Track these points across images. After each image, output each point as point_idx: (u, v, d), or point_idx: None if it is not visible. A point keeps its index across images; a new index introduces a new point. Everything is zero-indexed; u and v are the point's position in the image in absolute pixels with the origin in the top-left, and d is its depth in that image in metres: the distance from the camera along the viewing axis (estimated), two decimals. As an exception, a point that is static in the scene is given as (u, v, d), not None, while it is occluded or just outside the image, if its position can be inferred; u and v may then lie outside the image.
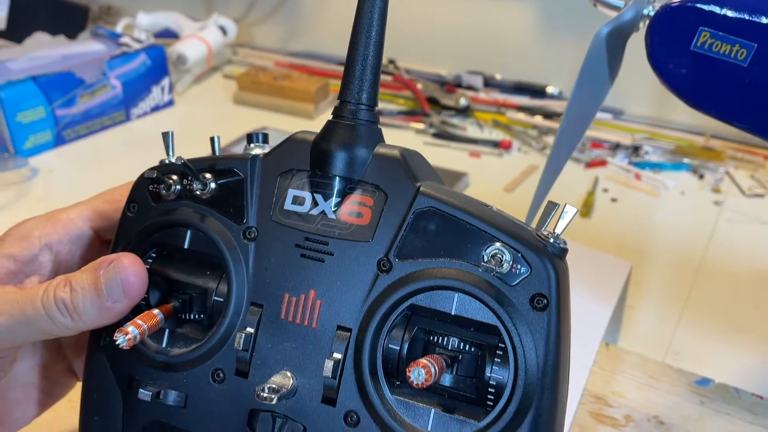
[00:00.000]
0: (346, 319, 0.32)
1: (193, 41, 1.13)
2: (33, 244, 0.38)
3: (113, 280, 0.34)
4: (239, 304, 0.34)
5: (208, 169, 0.35)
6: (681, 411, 0.51)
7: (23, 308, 0.34)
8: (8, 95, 0.86)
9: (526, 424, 0.29)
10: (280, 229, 0.34)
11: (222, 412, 0.34)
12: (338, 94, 0.34)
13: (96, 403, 0.37)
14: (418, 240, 0.32)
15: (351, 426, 0.32)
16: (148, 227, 0.36)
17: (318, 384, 0.32)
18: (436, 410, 0.31)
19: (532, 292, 0.30)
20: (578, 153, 0.94)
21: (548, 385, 0.30)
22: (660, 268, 0.72)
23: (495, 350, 0.31)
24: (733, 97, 0.42)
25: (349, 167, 0.33)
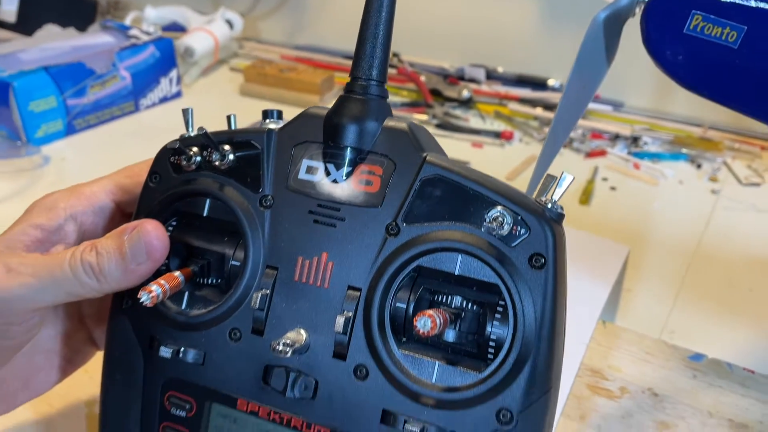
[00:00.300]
0: (356, 279, 0.34)
1: (200, 34, 1.15)
2: (58, 215, 0.40)
3: (137, 244, 0.36)
4: (255, 268, 0.36)
5: (227, 142, 0.37)
6: (674, 383, 0.53)
7: (52, 270, 0.36)
8: (21, 84, 0.88)
9: (524, 374, 0.32)
10: (295, 196, 0.36)
11: (238, 369, 0.36)
12: (350, 71, 0.36)
13: (118, 362, 0.39)
14: (424, 205, 0.34)
15: (360, 379, 0.34)
16: (169, 196, 0.38)
17: (329, 340, 0.34)
18: (440, 363, 0.33)
19: (531, 252, 0.32)
20: (578, 143, 0.96)
21: (545, 338, 0.32)
22: (657, 253, 0.74)
23: (495, 308, 0.33)
24: (725, 78, 0.44)
25: (359, 138, 0.35)
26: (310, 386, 0.35)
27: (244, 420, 0.36)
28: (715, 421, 0.49)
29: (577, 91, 0.48)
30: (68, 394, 0.50)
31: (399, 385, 0.33)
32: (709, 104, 1.05)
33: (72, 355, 0.45)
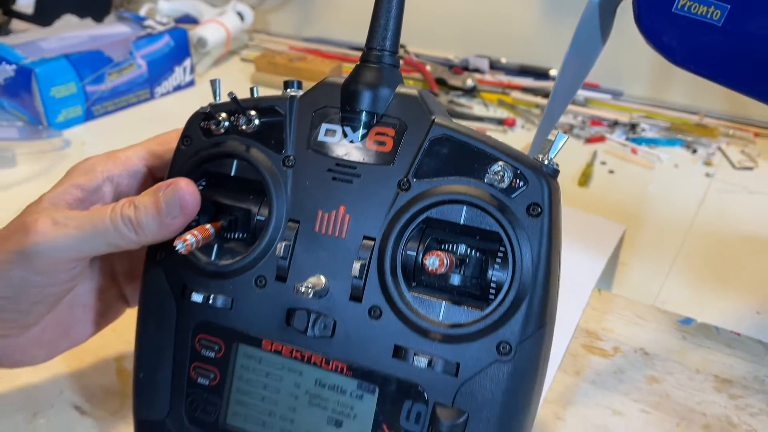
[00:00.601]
0: (370, 230, 0.38)
1: (212, 25, 1.19)
2: (96, 177, 0.44)
3: (171, 200, 0.39)
4: (279, 221, 0.40)
5: (253, 108, 0.41)
6: (665, 344, 0.56)
7: (95, 223, 0.40)
8: (43, 71, 0.92)
9: (521, 311, 0.35)
10: (315, 156, 0.40)
11: (264, 312, 0.39)
12: (365, 42, 0.40)
13: (152, 309, 0.42)
14: (432, 162, 0.37)
15: (374, 318, 0.37)
16: (200, 158, 0.42)
17: (346, 285, 0.38)
18: (446, 303, 0.37)
19: (528, 202, 0.35)
20: (579, 130, 1.00)
21: (540, 280, 0.35)
22: (652, 231, 0.77)
23: (496, 254, 0.37)
24: (711, 54, 0.47)
25: (374, 103, 0.39)
26: (329, 326, 0.38)
27: (268, 359, 0.40)
28: (701, 377, 0.53)
29: (573, 68, 0.51)
30: (99, 350, 0.54)
31: (409, 323, 0.37)
32: (706, 93, 1.09)
33: (105, 309, 0.48)
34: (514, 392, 0.35)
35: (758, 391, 0.52)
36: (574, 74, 0.52)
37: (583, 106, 1.06)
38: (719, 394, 0.51)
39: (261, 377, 0.40)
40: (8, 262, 0.39)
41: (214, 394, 0.41)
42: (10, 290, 0.40)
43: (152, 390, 0.42)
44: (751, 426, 0.49)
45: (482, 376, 0.36)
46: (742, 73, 0.47)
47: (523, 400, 0.36)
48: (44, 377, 0.51)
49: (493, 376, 0.35)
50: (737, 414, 0.50)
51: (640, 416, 0.49)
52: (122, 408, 0.48)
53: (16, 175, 0.84)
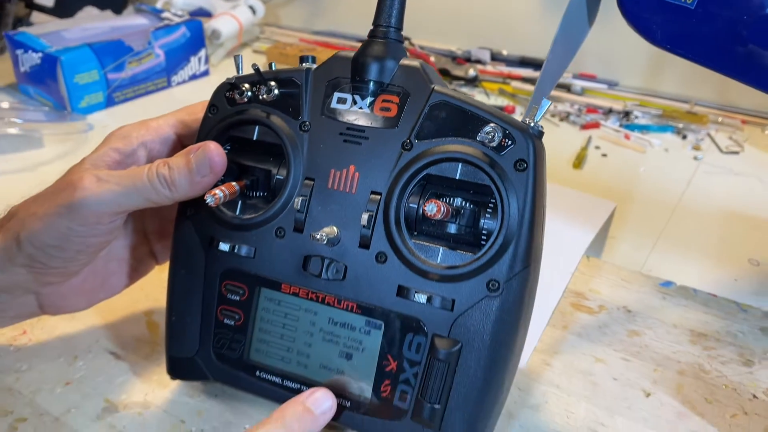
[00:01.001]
0: (377, 185, 0.43)
1: (226, 18, 1.24)
2: (132, 142, 0.49)
3: (201, 160, 0.44)
4: (296, 179, 0.45)
5: (273, 79, 0.46)
6: (646, 303, 0.61)
7: (134, 180, 0.45)
8: (68, 58, 0.97)
9: (508, 254, 0.40)
10: (328, 122, 0.45)
11: (283, 259, 0.45)
12: (373, 20, 0.45)
13: (183, 259, 0.48)
14: (432, 125, 0.42)
15: (380, 263, 0.43)
16: (225, 124, 0.47)
17: (356, 234, 0.43)
18: (443, 248, 0.42)
19: (516, 158, 0.40)
20: (575, 117, 1.05)
21: (525, 226, 0.40)
22: (641, 209, 0.82)
23: (487, 206, 0.42)
24: (684, 34, 0.52)
25: (380, 74, 0.44)
26: (341, 270, 0.43)
27: (287, 300, 0.45)
28: (678, 331, 0.58)
29: (561, 48, 0.56)
30: (129, 306, 0.59)
31: (411, 266, 0.42)
32: (697, 82, 1.14)
33: (137, 264, 0.54)
34: (502, 323, 0.40)
35: (730, 344, 0.57)
36: (562, 54, 0.57)
37: (580, 96, 1.11)
38: (694, 345, 0.56)
39: (280, 317, 0.45)
40: (57, 215, 0.44)
41: (238, 333, 0.46)
42: (58, 240, 0.45)
43: (183, 331, 0.47)
44: (721, 372, 0.54)
45: (474, 310, 0.41)
46: (711, 51, 0.52)
47: (510, 330, 0.41)
48: (81, 328, 0.56)
49: (484, 309, 0.41)
50: (709, 362, 0.55)
51: (621, 363, 0.54)
52: (153, 353, 0.54)
53: (43, 156, 0.89)
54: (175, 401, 0.49)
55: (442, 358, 0.41)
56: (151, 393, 0.50)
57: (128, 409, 0.48)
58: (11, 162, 0.87)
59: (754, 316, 0.60)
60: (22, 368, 0.52)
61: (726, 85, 1.07)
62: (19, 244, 0.45)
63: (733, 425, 0.49)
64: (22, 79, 1.04)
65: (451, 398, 0.41)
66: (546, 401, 0.51)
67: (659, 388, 0.52)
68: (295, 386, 0.45)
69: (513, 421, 0.49)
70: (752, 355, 0.56)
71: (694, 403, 0.51)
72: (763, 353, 0.56)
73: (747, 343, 0.57)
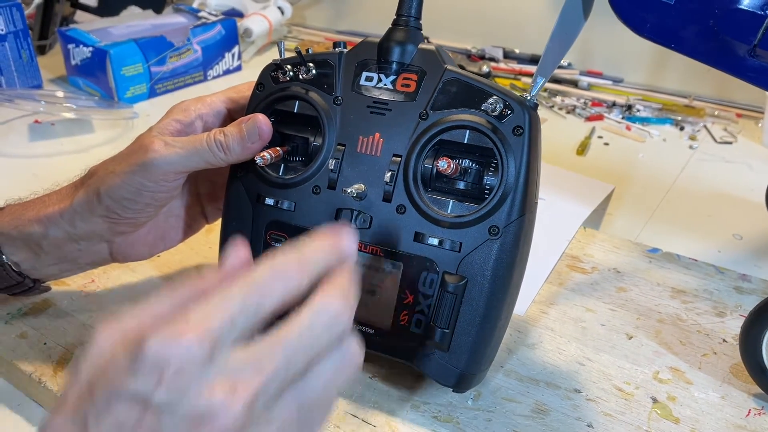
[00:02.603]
0: (398, 149, 0.51)
1: (257, 18, 1.34)
2: (190, 114, 0.57)
3: (252, 128, 0.53)
4: (330, 145, 0.53)
5: (311, 61, 0.55)
6: (634, 266, 0.69)
7: (195, 145, 0.53)
8: (116, 52, 1.07)
9: (506, 204, 0.48)
10: (357, 96, 0.53)
11: (318, 212, 0.53)
12: (396, 10, 0.53)
13: (234, 213, 0.56)
14: (444, 98, 0.51)
15: (400, 213, 0.51)
16: (271, 99, 0.55)
17: (380, 190, 0.51)
18: (453, 201, 0.50)
19: (514, 125, 0.49)
20: (580, 110, 1.13)
21: (521, 182, 0.48)
22: (638, 191, 0.90)
23: (490, 165, 0.50)
24: (667, 27, 0.60)
25: (402, 56, 0.52)
26: (367, 220, 0.52)
27: (321, 246, 0.53)
28: (661, 288, 0.66)
29: (558, 39, 0.64)
30: (181, 262, 0.68)
31: (426, 215, 0.50)
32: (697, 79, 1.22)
33: (191, 222, 0.62)
34: (500, 261, 0.49)
35: (706, 299, 0.64)
36: (559, 45, 0.65)
37: (586, 90, 1.19)
38: (673, 299, 0.64)
39: (315, 261, 0.54)
40: (132, 172, 0.53)
41: (279, 274, 0.55)
42: (132, 194, 0.54)
43: (233, 273, 0.56)
44: (696, 321, 0.62)
45: (478, 251, 0.49)
46: (691, 42, 0.60)
47: (507, 267, 0.49)
48: (141, 279, 0.65)
49: (486, 250, 0.49)
50: (686, 313, 0.63)
51: (608, 312, 0.62)
52: (204, 297, 0.62)
53: (94, 140, 0.99)
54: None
55: (451, 290, 0.49)
56: (204, 327, 0.58)
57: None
58: (66, 144, 0.97)
59: (731, 277, 0.68)
60: (93, 309, 0.61)
61: (723, 80, 1.14)
62: (99, 197, 0.54)
63: (703, 362, 0.57)
64: (72, 71, 1.14)
65: (458, 324, 0.50)
66: (541, 341, 0.59)
67: (640, 333, 0.60)
68: (327, 318, 0.53)
69: (511, 356, 0.57)
70: (725, 309, 0.63)
71: (670, 345, 0.59)
72: (735, 307, 0.64)
73: (721, 299, 0.65)
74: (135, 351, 0.28)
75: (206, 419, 0.28)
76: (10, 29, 1.08)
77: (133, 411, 0.28)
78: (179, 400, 0.28)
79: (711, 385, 0.55)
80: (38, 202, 0.57)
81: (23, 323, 0.59)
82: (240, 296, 0.30)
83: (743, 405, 0.53)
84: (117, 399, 0.28)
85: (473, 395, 0.53)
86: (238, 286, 0.31)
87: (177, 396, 0.28)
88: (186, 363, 0.28)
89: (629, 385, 0.55)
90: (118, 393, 0.28)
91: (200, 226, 0.64)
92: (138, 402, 0.28)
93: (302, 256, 0.33)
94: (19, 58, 1.10)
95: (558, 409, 0.52)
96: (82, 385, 0.30)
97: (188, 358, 0.28)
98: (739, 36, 0.57)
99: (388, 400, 0.53)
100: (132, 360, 0.28)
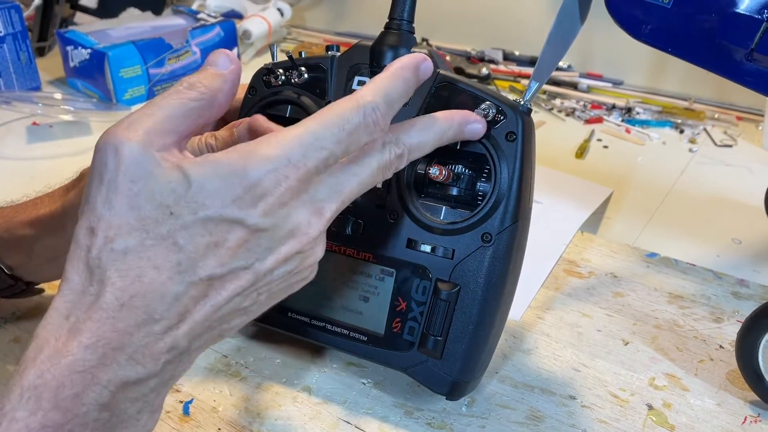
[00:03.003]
0: (391, 154, 0.51)
1: (256, 19, 1.33)
2: (183, 119, 0.57)
3: (242, 132, 0.53)
4: (322, 150, 0.53)
5: (303, 65, 0.54)
6: (631, 271, 0.69)
7: (186, 149, 0.53)
8: (114, 54, 1.06)
9: (499, 211, 0.48)
10: (350, 101, 0.53)
11: (310, 217, 0.53)
12: (388, 13, 0.53)
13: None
14: (437, 103, 0.50)
15: (393, 220, 0.51)
16: (263, 104, 0.55)
17: (373, 196, 0.51)
18: (446, 207, 0.50)
19: (507, 131, 0.48)
20: (580, 112, 1.12)
21: (514, 188, 0.48)
22: (636, 194, 0.90)
23: (483, 171, 0.49)
24: (663, 31, 0.60)
25: (394, 60, 0.52)
26: (360, 226, 0.51)
27: (313, 252, 0.53)
28: (658, 293, 0.65)
29: (555, 42, 0.64)
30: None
31: (419, 222, 0.50)
32: (696, 82, 1.21)
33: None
34: (493, 269, 0.48)
35: (704, 305, 0.64)
36: (555, 48, 0.64)
37: (586, 93, 1.19)
38: (671, 305, 0.64)
39: (307, 267, 0.53)
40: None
41: (272, 280, 0.54)
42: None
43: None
44: (693, 327, 0.61)
45: (471, 258, 0.49)
46: (688, 46, 0.59)
47: (500, 275, 0.49)
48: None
49: (479, 257, 0.48)
50: (683, 319, 0.62)
51: (604, 318, 0.62)
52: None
53: (91, 142, 0.97)
54: (218, 339, 0.57)
55: (444, 298, 0.49)
56: (197, 333, 0.58)
57: (178, 344, 0.57)
58: (63, 147, 0.96)
59: (729, 283, 0.67)
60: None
61: (723, 83, 1.13)
62: (89, 201, 0.54)
63: (699, 369, 0.57)
64: (71, 73, 1.13)
65: (451, 331, 0.49)
66: (537, 347, 0.58)
67: (637, 338, 0.59)
68: (320, 324, 0.53)
69: (507, 362, 0.57)
70: (722, 314, 0.63)
71: (667, 351, 0.58)
72: (733, 313, 0.63)
73: (719, 305, 0.64)
74: (239, 178, 0.33)
75: (296, 234, 0.36)
76: (9, 31, 1.08)
77: (232, 232, 0.33)
78: (277, 225, 0.35)
79: (707, 391, 0.54)
80: (30, 204, 0.56)
81: (17, 327, 0.59)
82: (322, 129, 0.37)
83: (739, 412, 0.53)
84: (213, 222, 0.33)
85: (467, 402, 0.53)
86: (317, 120, 0.37)
87: (276, 221, 0.35)
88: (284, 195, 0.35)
89: (625, 391, 0.54)
90: (215, 216, 0.33)
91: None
92: (236, 223, 0.33)
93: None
94: (17, 59, 1.10)
95: (553, 416, 0.52)
96: (146, 209, 0.32)
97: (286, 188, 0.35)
98: (736, 40, 0.56)
99: (382, 406, 0.53)
100: (233, 186, 0.33)
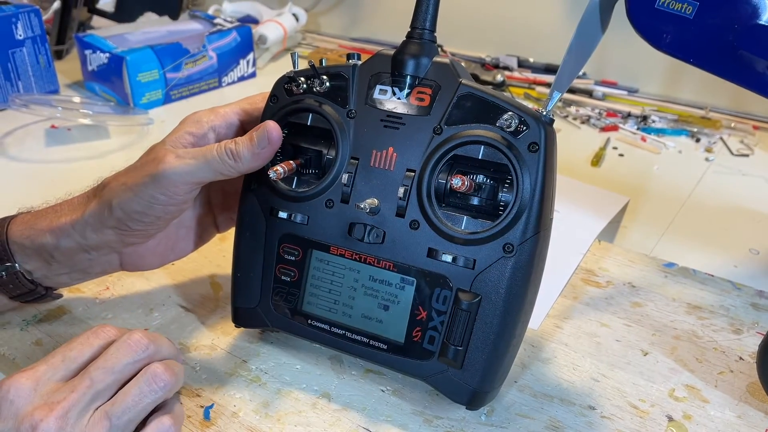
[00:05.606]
0: (412, 164, 0.51)
1: (272, 25, 1.34)
2: (203, 126, 0.57)
3: (261, 135, 0.52)
4: (344, 159, 0.53)
5: (324, 73, 0.55)
6: (649, 280, 0.69)
7: (206, 155, 0.53)
8: (132, 59, 1.07)
9: (521, 222, 0.48)
10: (371, 110, 0.53)
11: (331, 226, 0.53)
12: (411, 23, 0.53)
13: (247, 225, 0.56)
14: (459, 113, 0.50)
15: (414, 229, 0.51)
16: (284, 112, 0.55)
17: (393, 205, 0.51)
18: (467, 217, 0.50)
19: (529, 141, 0.48)
20: (595, 120, 1.12)
21: (536, 199, 0.48)
22: (653, 203, 0.89)
23: (505, 182, 0.49)
24: (685, 42, 0.60)
25: (416, 69, 0.52)
26: (380, 235, 0.52)
27: (334, 261, 0.53)
28: (676, 304, 0.65)
29: (577, 51, 0.64)
30: (195, 271, 0.68)
31: (440, 231, 0.50)
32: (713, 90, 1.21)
33: (202, 232, 0.62)
34: (515, 279, 0.48)
35: (723, 316, 0.64)
36: (576, 57, 0.64)
37: (601, 100, 1.18)
38: (689, 315, 0.64)
39: (329, 275, 0.54)
40: (144, 185, 0.53)
41: (293, 288, 0.55)
42: (143, 206, 0.54)
43: (247, 285, 0.56)
44: (712, 338, 0.61)
45: (492, 269, 0.49)
46: (709, 56, 0.59)
47: (522, 285, 0.49)
48: (155, 286, 0.65)
49: (500, 268, 0.48)
50: (702, 330, 0.62)
51: (623, 327, 0.62)
52: (217, 308, 0.62)
53: (109, 146, 0.99)
54: (238, 345, 0.58)
55: (465, 308, 0.49)
56: (216, 339, 0.59)
57: (199, 350, 0.57)
58: (82, 150, 0.97)
59: (747, 294, 0.67)
60: (108, 317, 0.61)
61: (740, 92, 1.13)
62: (110, 209, 0.54)
63: (719, 380, 0.56)
64: (89, 77, 1.14)
65: (471, 341, 0.49)
66: (555, 356, 0.58)
67: (656, 349, 0.59)
68: (340, 332, 0.53)
69: (525, 371, 0.57)
70: (742, 326, 0.63)
71: (686, 362, 0.58)
72: (752, 324, 0.63)
73: (738, 316, 0.64)
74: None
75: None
76: (28, 34, 1.09)
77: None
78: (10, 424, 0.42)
79: (727, 403, 0.54)
80: (50, 211, 0.57)
81: (39, 330, 0.59)
82: (60, 356, 0.46)
83: (760, 425, 0.52)
84: None
85: (486, 411, 0.53)
86: (61, 353, 0.46)
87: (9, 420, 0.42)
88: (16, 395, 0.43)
89: (644, 402, 0.54)
90: None
91: (211, 236, 0.64)
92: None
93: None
94: (36, 63, 1.11)
95: (572, 426, 0.52)
96: None
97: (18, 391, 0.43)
98: (758, 51, 0.56)
99: (401, 414, 0.53)
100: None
